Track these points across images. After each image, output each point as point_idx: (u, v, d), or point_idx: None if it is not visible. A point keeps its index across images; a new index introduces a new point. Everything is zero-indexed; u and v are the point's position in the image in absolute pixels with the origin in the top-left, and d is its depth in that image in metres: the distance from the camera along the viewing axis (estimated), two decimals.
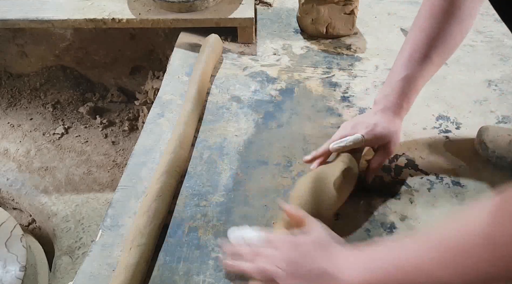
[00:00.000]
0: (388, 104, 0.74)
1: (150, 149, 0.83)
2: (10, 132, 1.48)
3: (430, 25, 0.72)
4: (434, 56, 0.72)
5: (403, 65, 0.74)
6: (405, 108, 0.75)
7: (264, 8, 1.23)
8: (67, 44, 1.50)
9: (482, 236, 0.42)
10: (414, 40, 0.74)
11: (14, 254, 1.05)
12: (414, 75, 0.73)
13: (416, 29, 0.74)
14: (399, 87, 0.73)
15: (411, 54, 0.73)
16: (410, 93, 0.74)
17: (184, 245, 0.68)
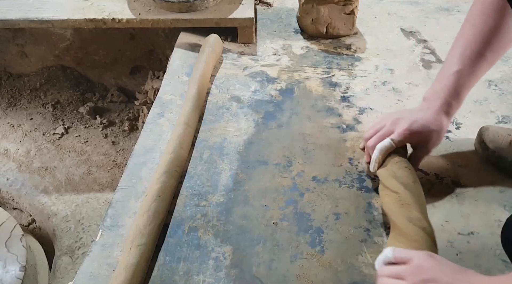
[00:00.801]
0: (437, 100, 0.72)
1: (150, 149, 0.83)
2: (10, 132, 1.48)
3: (482, 21, 0.70)
4: (487, 53, 0.70)
5: (455, 61, 0.72)
6: (454, 106, 0.72)
7: (264, 8, 1.23)
8: (67, 44, 1.50)
9: None
10: (467, 35, 0.72)
11: (14, 254, 1.04)
12: (466, 72, 0.71)
13: (468, 25, 0.72)
14: (451, 83, 0.71)
15: (463, 50, 0.71)
16: (461, 90, 0.71)
17: (184, 245, 0.68)
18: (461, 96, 0.72)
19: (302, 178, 0.77)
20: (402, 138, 0.71)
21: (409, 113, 0.73)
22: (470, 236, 0.69)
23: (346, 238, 0.68)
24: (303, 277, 0.64)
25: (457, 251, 0.67)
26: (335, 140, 0.84)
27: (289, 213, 0.72)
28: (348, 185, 0.76)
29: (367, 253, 0.67)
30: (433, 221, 0.71)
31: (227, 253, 0.66)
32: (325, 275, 0.64)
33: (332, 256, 0.66)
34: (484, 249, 0.67)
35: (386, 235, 0.69)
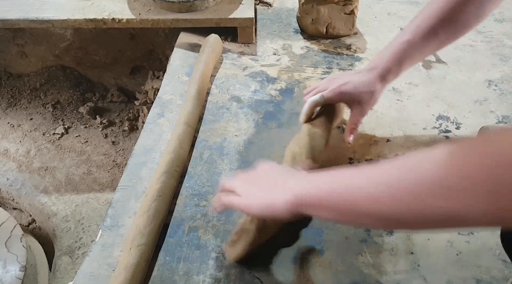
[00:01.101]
0: (379, 64, 0.75)
1: (150, 149, 0.83)
2: (10, 132, 1.48)
3: (446, 1, 0.71)
4: (440, 31, 0.72)
5: (408, 31, 0.74)
6: (393, 73, 0.75)
7: (264, 8, 1.23)
8: (67, 44, 1.50)
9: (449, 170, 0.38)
10: (427, 10, 0.73)
11: (14, 254, 1.05)
12: (415, 43, 0.73)
13: (433, 2, 0.73)
14: (397, 50, 0.74)
15: (419, 22, 0.73)
16: (404, 58, 0.74)
17: (184, 245, 0.68)
18: (402, 65, 0.75)
19: None
20: (331, 95, 0.75)
21: (346, 75, 0.78)
22: (470, 236, 0.69)
23: (346, 238, 0.68)
24: (303, 277, 0.64)
25: (457, 251, 0.67)
26: (335, 140, 0.84)
27: None
28: None
29: (367, 253, 0.67)
30: None
31: None
32: (325, 275, 0.64)
33: (332, 256, 0.66)
34: (484, 249, 0.67)
35: (386, 235, 0.69)
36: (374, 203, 0.44)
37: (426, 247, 0.68)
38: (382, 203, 0.43)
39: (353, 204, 0.46)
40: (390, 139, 0.85)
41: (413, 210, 0.40)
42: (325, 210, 0.50)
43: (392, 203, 0.42)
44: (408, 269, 0.65)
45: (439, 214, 0.38)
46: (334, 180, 0.50)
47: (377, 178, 0.44)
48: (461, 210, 0.37)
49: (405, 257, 0.66)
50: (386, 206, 0.42)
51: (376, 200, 0.43)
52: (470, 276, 0.64)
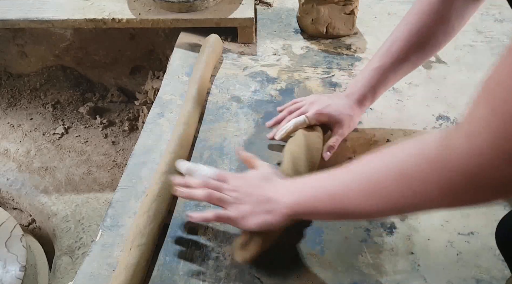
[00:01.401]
0: (355, 90, 0.79)
1: (150, 149, 0.83)
2: (10, 132, 1.48)
3: (414, 21, 0.72)
4: (411, 53, 0.74)
5: (379, 56, 0.76)
6: (369, 98, 0.79)
7: (264, 8, 1.23)
8: (67, 44, 1.50)
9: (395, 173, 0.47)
10: (396, 33, 0.75)
11: (14, 254, 1.05)
12: (385, 68, 0.75)
13: (402, 22, 0.75)
14: (369, 77, 0.77)
15: (389, 46, 0.75)
16: (377, 85, 0.77)
17: (184, 245, 0.68)
18: (377, 92, 0.78)
19: None
20: (314, 117, 0.78)
21: (326, 98, 0.81)
22: (470, 236, 0.69)
23: (346, 238, 0.68)
24: (303, 277, 0.64)
25: (457, 251, 0.67)
26: None
27: None
28: None
29: (367, 253, 0.67)
30: (433, 221, 0.71)
31: (227, 253, 0.66)
32: (325, 275, 0.64)
33: (332, 256, 0.66)
34: (484, 249, 0.67)
35: (386, 235, 0.69)
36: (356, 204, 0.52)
37: (426, 247, 0.68)
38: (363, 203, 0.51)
39: (337, 207, 0.54)
40: (390, 139, 0.85)
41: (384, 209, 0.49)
42: (318, 215, 0.59)
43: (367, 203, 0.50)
44: (408, 269, 0.65)
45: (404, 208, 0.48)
46: (322, 184, 0.56)
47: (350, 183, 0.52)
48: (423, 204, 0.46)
49: (405, 257, 0.66)
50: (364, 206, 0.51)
51: (355, 203, 0.52)
52: (470, 276, 0.64)
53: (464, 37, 1.11)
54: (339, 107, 0.78)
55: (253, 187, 0.62)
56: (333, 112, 0.78)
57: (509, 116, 0.35)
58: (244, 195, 0.61)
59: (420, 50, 0.74)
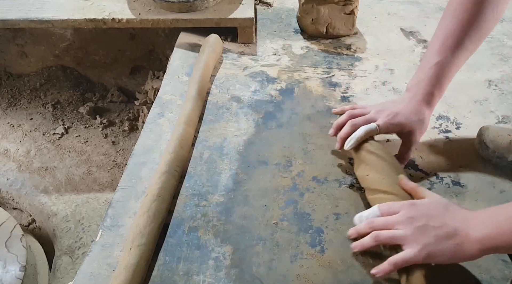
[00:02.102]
0: (420, 90, 0.73)
1: (150, 149, 0.83)
2: (10, 132, 1.48)
3: (463, 10, 0.71)
4: (467, 42, 0.72)
5: (436, 52, 0.73)
6: (437, 96, 0.74)
7: (264, 8, 1.23)
8: (67, 44, 1.50)
9: None
10: (447, 26, 0.73)
11: (14, 254, 1.05)
12: (447, 62, 0.72)
13: (449, 14, 0.74)
14: (432, 74, 0.73)
15: (444, 40, 0.73)
16: (442, 79, 0.73)
17: (184, 245, 0.68)
18: (443, 86, 0.74)
19: (302, 178, 0.77)
20: (386, 127, 0.73)
21: (392, 105, 0.75)
22: None
23: (346, 238, 0.68)
24: (303, 277, 0.63)
25: None
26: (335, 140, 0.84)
27: (289, 213, 0.72)
28: (348, 185, 0.76)
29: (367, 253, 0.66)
30: None
31: (227, 253, 0.66)
32: (325, 275, 0.64)
33: (332, 256, 0.66)
34: None
35: None
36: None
37: None
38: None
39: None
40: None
41: None
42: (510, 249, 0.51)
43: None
44: None
45: None
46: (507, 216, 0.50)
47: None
48: None
49: None
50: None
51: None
52: (470, 276, 0.64)
53: None
54: (408, 114, 0.73)
55: (433, 216, 0.55)
56: (404, 121, 0.72)
57: None
58: (423, 226, 0.54)
59: (475, 37, 0.72)
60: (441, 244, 0.53)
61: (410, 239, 0.54)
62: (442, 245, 0.53)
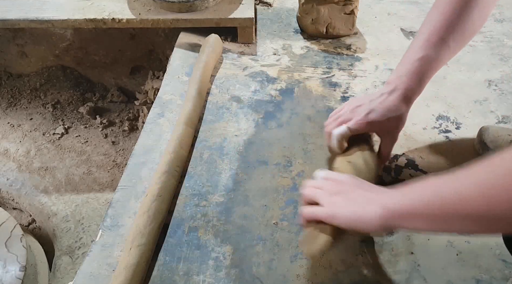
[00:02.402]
0: (400, 85, 0.71)
1: (150, 149, 0.83)
2: (10, 132, 1.48)
3: (450, 9, 0.71)
4: (451, 41, 0.71)
5: (419, 47, 0.72)
6: (417, 92, 0.72)
7: (264, 8, 1.23)
8: (67, 44, 1.50)
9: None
10: (432, 22, 0.72)
11: (14, 254, 1.04)
12: (430, 58, 0.71)
13: (436, 11, 0.73)
14: (415, 68, 0.71)
15: (428, 36, 0.72)
16: (424, 75, 0.72)
17: (184, 245, 0.68)
18: (423, 82, 0.72)
19: (302, 178, 0.77)
20: (358, 127, 0.71)
21: (368, 101, 0.73)
22: (470, 236, 0.69)
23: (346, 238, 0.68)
24: (303, 277, 0.64)
25: (457, 251, 0.67)
26: None
27: (289, 213, 0.72)
28: None
29: (367, 253, 0.67)
30: None
31: (227, 253, 0.66)
32: (325, 275, 0.64)
33: (332, 256, 0.66)
34: (484, 249, 0.67)
35: (386, 235, 0.69)
36: (467, 204, 0.44)
37: (426, 247, 0.68)
38: (476, 203, 0.43)
39: (447, 209, 0.46)
40: None
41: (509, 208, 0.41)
42: (419, 220, 0.50)
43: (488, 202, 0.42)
44: (408, 269, 0.65)
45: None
46: (426, 188, 0.50)
47: (469, 180, 0.45)
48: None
49: (405, 257, 0.66)
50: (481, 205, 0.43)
51: (469, 201, 0.44)
52: (470, 276, 0.64)
53: None
54: (384, 111, 0.70)
55: (354, 185, 0.59)
56: (379, 119, 0.70)
57: None
58: (342, 189, 0.58)
59: (459, 38, 0.72)
60: (348, 202, 0.56)
61: (326, 196, 0.58)
62: (349, 203, 0.56)
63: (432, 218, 0.48)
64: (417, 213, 0.49)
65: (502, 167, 0.42)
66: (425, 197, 0.49)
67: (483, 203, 0.43)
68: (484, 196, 0.42)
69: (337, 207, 0.56)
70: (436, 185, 0.49)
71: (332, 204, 0.57)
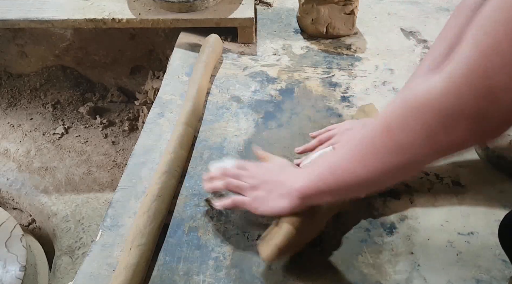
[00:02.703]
0: None
1: (150, 149, 0.83)
2: (10, 132, 1.48)
3: (453, 35, 0.69)
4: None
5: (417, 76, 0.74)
6: None
7: (264, 8, 1.23)
8: (67, 44, 1.50)
9: (380, 128, 0.47)
10: (435, 49, 0.72)
11: (14, 254, 1.04)
12: None
13: (439, 38, 0.72)
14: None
15: (429, 64, 0.71)
16: None
17: (184, 245, 0.68)
18: None
19: None
20: None
21: (360, 127, 0.77)
22: (470, 236, 0.69)
23: (346, 238, 0.68)
24: (303, 277, 0.63)
25: (457, 251, 0.67)
26: None
27: None
28: None
29: (367, 253, 0.67)
30: (433, 221, 0.71)
31: (227, 253, 0.66)
32: (325, 275, 0.64)
33: (332, 256, 0.66)
34: (484, 249, 0.67)
35: (386, 235, 0.69)
36: (352, 174, 0.52)
37: (426, 247, 0.68)
38: (358, 171, 0.51)
39: (339, 181, 0.54)
40: None
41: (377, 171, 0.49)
42: (324, 195, 0.58)
43: (362, 170, 0.51)
44: (408, 269, 0.65)
45: (395, 167, 0.47)
46: (320, 168, 0.58)
47: (348, 154, 0.53)
48: (410, 158, 0.45)
49: (405, 257, 0.66)
50: (360, 173, 0.51)
51: (353, 172, 0.52)
52: (470, 276, 0.64)
53: None
54: None
55: (269, 174, 0.64)
56: None
57: (490, 50, 0.34)
58: (261, 181, 0.63)
59: None
60: (269, 194, 0.61)
61: (249, 189, 0.63)
62: (270, 194, 0.61)
63: (334, 192, 0.57)
64: (321, 191, 0.57)
65: (359, 140, 0.51)
66: (323, 176, 0.56)
67: (355, 173, 0.52)
68: (353, 167, 0.52)
69: (259, 202, 0.62)
70: (330, 162, 0.56)
71: (254, 198, 0.62)
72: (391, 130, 0.46)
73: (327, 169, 0.56)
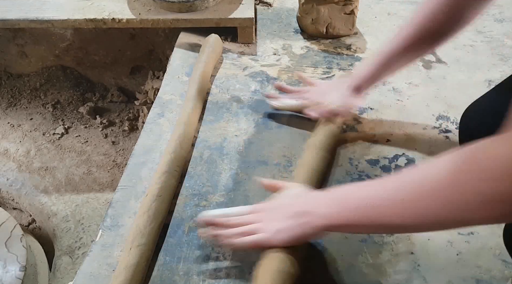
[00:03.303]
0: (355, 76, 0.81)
1: (150, 149, 0.83)
2: (10, 132, 1.48)
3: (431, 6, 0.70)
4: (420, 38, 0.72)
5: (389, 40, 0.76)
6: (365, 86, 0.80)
7: (264, 8, 1.23)
8: (67, 44, 1.50)
9: (446, 182, 0.44)
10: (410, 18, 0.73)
11: (14, 254, 1.04)
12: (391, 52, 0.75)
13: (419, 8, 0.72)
14: (372, 61, 0.78)
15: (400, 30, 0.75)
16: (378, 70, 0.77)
17: (184, 245, 0.68)
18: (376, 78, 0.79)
19: None
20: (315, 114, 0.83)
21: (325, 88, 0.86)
22: (470, 236, 0.69)
23: (346, 238, 0.68)
24: (303, 277, 0.63)
25: (457, 251, 0.67)
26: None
27: None
28: None
29: (367, 253, 0.67)
30: None
31: (227, 253, 0.66)
32: (325, 275, 0.64)
33: (332, 256, 0.66)
34: (484, 249, 0.67)
35: (386, 235, 0.69)
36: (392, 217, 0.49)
37: (426, 247, 0.68)
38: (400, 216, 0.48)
39: (375, 220, 0.51)
40: (390, 139, 0.85)
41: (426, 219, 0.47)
42: (351, 228, 0.56)
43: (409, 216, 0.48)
44: (408, 269, 0.65)
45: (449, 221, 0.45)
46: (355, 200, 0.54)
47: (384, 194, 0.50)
48: (467, 217, 0.43)
49: (405, 257, 0.66)
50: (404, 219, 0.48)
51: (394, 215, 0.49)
52: (470, 276, 0.64)
53: (464, 37, 1.11)
54: (333, 99, 0.81)
55: (286, 205, 0.60)
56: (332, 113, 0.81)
57: None
58: (277, 212, 0.60)
59: (429, 38, 0.72)
60: (288, 223, 0.57)
61: (263, 227, 0.59)
62: (289, 224, 0.57)
63: (361, 227, 0.54)
64: (349, 224, 0.54)
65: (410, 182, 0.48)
66: (352, 211, 0.53)
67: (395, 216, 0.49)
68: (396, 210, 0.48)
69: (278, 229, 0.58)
70: (360, 198, 0.53)
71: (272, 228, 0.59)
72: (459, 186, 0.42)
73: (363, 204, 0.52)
